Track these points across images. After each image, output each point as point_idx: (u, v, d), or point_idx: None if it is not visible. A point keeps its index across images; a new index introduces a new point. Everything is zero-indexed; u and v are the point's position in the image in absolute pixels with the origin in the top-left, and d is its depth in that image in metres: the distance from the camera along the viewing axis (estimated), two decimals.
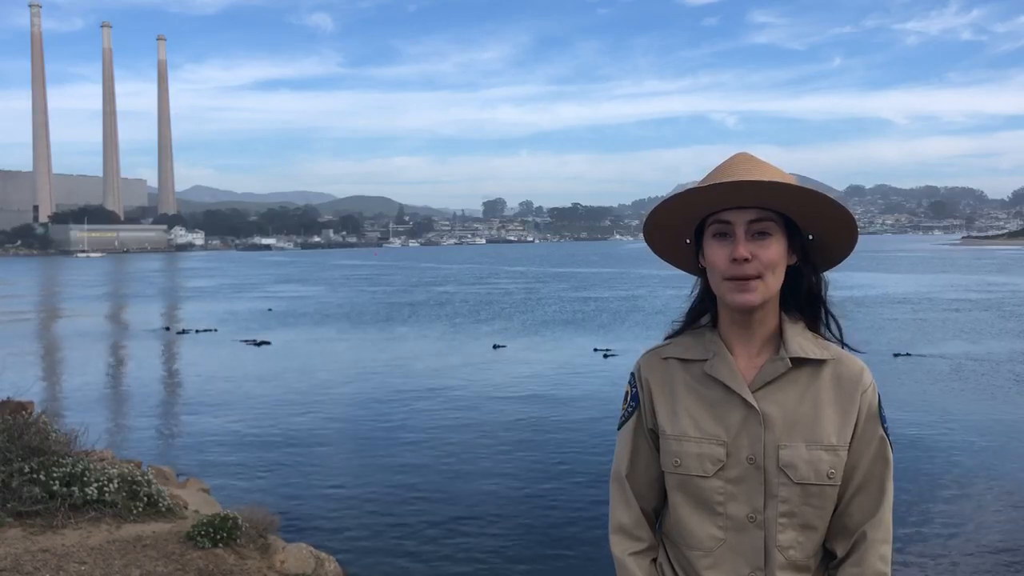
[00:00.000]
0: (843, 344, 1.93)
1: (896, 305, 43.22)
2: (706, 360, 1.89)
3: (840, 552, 1.84)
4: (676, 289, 53.86)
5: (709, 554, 1.86)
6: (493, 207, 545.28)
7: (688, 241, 1.95)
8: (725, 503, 1.84)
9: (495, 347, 29.30)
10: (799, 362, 1.85)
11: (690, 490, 1.88)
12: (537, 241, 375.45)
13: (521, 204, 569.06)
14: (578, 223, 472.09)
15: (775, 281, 1.83)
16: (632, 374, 2.02)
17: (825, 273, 1.97)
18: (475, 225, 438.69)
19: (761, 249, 1.80)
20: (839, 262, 1.95)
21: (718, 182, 1.79)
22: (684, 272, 2.04)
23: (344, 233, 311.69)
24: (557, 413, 17.96)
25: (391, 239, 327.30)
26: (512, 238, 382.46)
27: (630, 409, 2.00)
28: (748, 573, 1.82)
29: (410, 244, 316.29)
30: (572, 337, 32.20)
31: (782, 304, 1.90)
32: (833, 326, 1.94)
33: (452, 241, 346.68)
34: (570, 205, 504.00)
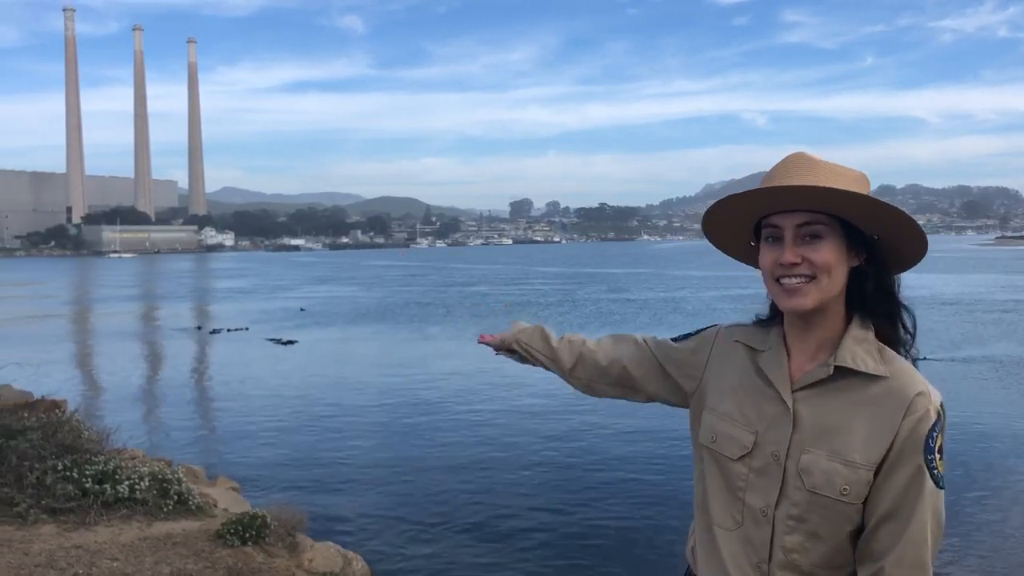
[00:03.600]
0: (911, 335, 1.89)
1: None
2: (763, 352, 1.94)
3: None
4: (718, 291, 53.35)
5: (728, 533, 1.91)
6: (520, 207, 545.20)
7: (753, 244, 1.95)
8: (746, 490, 1.88)
9: None
10: (848, 372, 1.80)
11: (720, 469, 1.94)
12: (564, 241, 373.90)
13: (548, 204, 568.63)
14: (605, 223, 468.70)
15: (831, 284, 1.80)
16: (712, 330, 2.10)
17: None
18: (502, 226, 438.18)
19: (812, 252, 1.78)
20: (912, 264, 1.91)
21: (760, 188, 1.82)
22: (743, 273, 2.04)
23: (372, 234, 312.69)
24: (590, 416, 17.86)
25: (418, 240, 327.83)
26: (539, 238, 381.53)
27: (685, 336, 2.14)
28: (756, 562, 1.86)
29: (437, 244, 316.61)
30: None
31: (857, 309, 1.86)
32: (908, 320, 1.90)
33: (479, 242, 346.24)
34: (597, 205, 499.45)
